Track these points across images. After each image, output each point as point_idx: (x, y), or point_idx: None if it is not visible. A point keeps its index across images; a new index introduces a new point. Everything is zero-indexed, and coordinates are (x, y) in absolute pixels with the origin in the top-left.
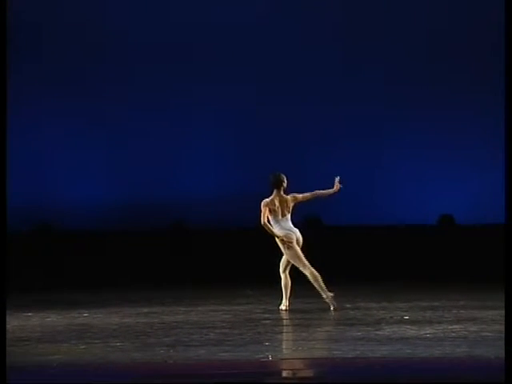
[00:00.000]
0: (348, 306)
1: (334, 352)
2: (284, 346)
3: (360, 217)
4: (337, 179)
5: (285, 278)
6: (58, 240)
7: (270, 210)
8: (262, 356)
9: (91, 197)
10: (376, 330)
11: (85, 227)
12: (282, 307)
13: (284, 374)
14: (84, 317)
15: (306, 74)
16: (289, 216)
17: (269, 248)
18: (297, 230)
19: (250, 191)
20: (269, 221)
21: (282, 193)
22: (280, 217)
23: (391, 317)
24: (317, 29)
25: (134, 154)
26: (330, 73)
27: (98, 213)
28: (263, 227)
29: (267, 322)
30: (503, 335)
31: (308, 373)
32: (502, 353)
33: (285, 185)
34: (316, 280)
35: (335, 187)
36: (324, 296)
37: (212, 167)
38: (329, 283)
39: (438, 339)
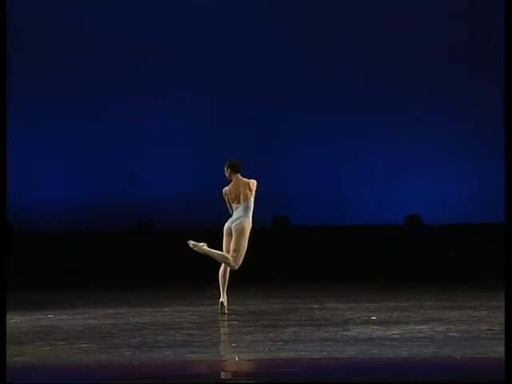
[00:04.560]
0: (315, 306)
1: (301, 353)
2: (251, 347)
3: (326, 217)
4: None
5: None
6: (20, 241)
7: None
8: (229, 357)
9: (55, 197)
10: (343, 331)
11: (48, 227)
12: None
13: (251, 375)
14: (48, 318)
15: (276, 69)
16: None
17: None
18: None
19: (216, 191)
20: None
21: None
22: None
23: (358, 317)
24: (288, 26)
25: (103, 153)
26: (301, 73)
27: (60, 213)
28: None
29: (234, 322)
30: (470, 335)
31: (275, 374)
32: (468, 353)
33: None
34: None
35: None
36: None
37: (178, 167)
38: (296, 283)
39: (405, 340)
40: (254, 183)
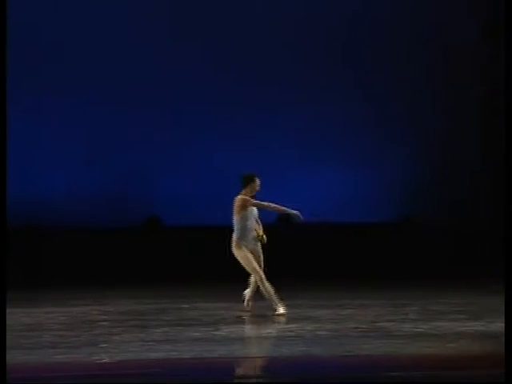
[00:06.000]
0: (186, 306)
1: (171, 353)
2: (121, 348)
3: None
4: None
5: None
6: None
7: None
8: (97, 358)
9: None
10: (214, 330)
11: None
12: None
13: (120, 375)
14: None
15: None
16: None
17: (108, 250)
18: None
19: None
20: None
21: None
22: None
23: (229, 317)
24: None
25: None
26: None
27: None
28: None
29: (104, 323)
30: (338, 334)
31: (143, 374)
32: (337, 351)
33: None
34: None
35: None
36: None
37: (63, 167)
38: (167, 283)
39: (275, 339)
40: (235, 200)
